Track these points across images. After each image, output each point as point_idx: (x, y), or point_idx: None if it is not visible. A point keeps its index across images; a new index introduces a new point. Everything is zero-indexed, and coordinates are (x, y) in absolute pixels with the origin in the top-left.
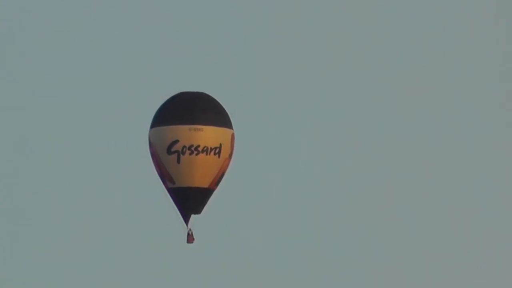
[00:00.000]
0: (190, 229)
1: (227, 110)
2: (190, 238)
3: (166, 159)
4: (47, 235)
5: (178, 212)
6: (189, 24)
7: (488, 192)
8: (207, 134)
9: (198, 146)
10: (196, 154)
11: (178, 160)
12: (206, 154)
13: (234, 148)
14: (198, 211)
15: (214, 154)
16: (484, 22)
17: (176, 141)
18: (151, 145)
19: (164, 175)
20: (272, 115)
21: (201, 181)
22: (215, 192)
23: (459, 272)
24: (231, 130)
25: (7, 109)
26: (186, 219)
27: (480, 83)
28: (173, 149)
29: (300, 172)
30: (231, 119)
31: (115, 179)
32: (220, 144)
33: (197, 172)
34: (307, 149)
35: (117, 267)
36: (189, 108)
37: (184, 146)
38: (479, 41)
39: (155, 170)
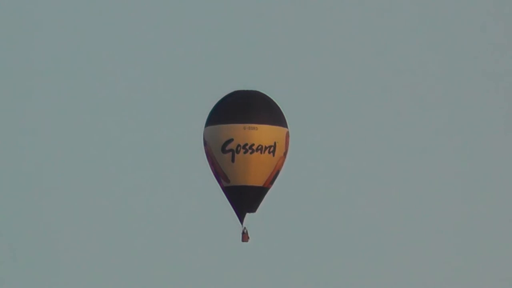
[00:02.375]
0: (245, 228)
1: (282, 109)
2: (245, 237)
3: (221, 157)
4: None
5: (233, 210)
6: (245, 24)
7: (488, 192)
8: (261, 133)
9: (253, 144)
10: (251, 153)
11: (233, 159)
12: (261, 152)
13: (289, 146)
14: (253, 209)
15: (269, 152)
16: (484, 22)
17: (231, 140)
18: (205, 143)
19: (219, 174)
20: (327, 113)
21: (256, 180)
22: (270, 191)
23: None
24: (285, 129)
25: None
26: (241, 218)
27: (480, 83)
28: (227, 148)
29: (355, 170)
30: (286, 117)
31: (171, 177)
32: (275, 143)
33: (252, 171)
34: (362, 147)
35: (173, 265)
36: (243, 107)
37: (239, 145)
38: (479, 41)
39: (210, 169)
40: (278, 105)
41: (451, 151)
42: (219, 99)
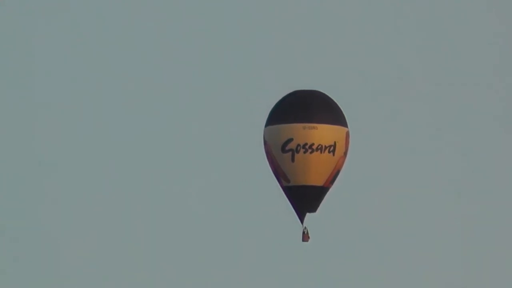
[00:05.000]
0: (305, 228)
1: (342, 108)
2: (305, 237)
3: (281, 157)
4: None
5: (293, 210)
6: (306, 23)
7: (488, 193)
8: (321, 132)
9: (312, 144)
10: (311, 152)
11: (293, 159)
12: (321, 152)
13: (349, 146)
14: (313, 209)
15: (329, 152)
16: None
17: (291, 140)
18: (265, 143)
19: (279, 174)
20: (388, 113)
21: (316, 180)
22: (330, 191)
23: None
24: (345, 128)
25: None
26: (301, 218)
27: (480, 83)
28: (287, 148)
29: (414, 169)
30: (346, 117)
31: (232, 177)
32: (335, 142)
33: (312, 171)
34: (423, 146)
35: (233, 265)
36: (303, 107)
37: (298, 145)
38: (478, 42)
39: (270, 169)
40: (338, 104)
41: None
42: (279, 99)
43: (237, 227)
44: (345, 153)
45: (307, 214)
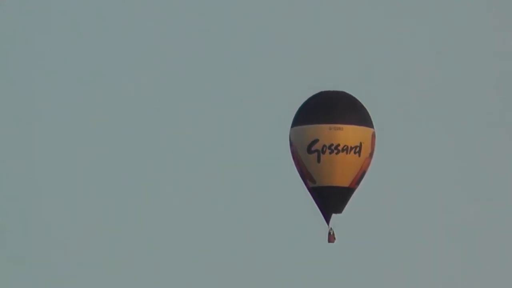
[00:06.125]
0: (331, 229)
1: (368, 109)
2: (331, 238)
3: (307, 158)
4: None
5: (319, 211)
6: (332, 24)
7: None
8: (347, 133)
9: (338, 145)
10: (336, 153)
11: (318, 159)
12: (346, 153)
13: (375, 146)
14: (339, 210)
15: (355, 153)
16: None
17: (316, 140)
18: (291, 144)
19: (305, 175)
20: (414, 113)
21: (342, 180)
22: (356, 191)
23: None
24: (371, 129)
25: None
26: (327, 219)
27: (479, 84)
28: (313, 148)
29: (441, 170)
30: (372, 118)
31: (257, 178)
32: (361, 143)
33: (338, 171)
34: (449, 148)
35: (260, 266)
36: (329, 107)
37: (324, 145)
38: (478, 43)
39: (296, 170)
40: (364, 105)
41: None
42: (305, 99)
43: (263, 228)
44: (371, 154)
45: (333, 215)
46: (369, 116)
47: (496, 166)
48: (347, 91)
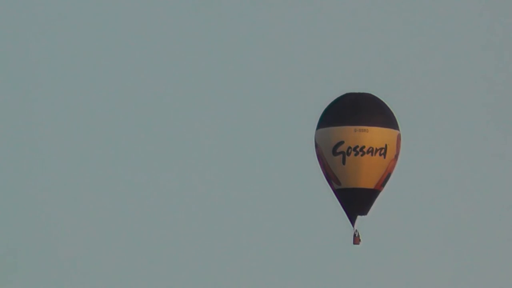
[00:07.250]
0: (356, 230)
1: (393, 111)
2: (356, 239)
3: (332, 160)
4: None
5: (344, 213)
6: (356, 27)
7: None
8: (372, 135)
9: (363, 147)
10: (361, 155)
11: (344, 161)
12: (372, 155)
13: (401, 148)
14: (364, 212)
15: (380, 155)
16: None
17: (341, 142)
18: (317, 146)
19: (330, 176)
20: (440, 115)
21: (367, 182)
22: (381, 193)
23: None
24: (396, 131)
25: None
26: (352, 220)
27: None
28: (338, 150)
29: (467, 173)
30: (398, 120)
31: (282, 180)
32: (386, 145)
33: (363, 173)
34: (475, 150)
35: (285, 267)
36: (354, 109)
37: (349, 147)
38: (478, 44)
39: (321, 171)
40: (390, 107)
41: None
42: (330, 101)
43: (288, 230)
44: (396, 156)
45: (358, 217)
46: (395, 118)
47: None
48: (372, 93)
